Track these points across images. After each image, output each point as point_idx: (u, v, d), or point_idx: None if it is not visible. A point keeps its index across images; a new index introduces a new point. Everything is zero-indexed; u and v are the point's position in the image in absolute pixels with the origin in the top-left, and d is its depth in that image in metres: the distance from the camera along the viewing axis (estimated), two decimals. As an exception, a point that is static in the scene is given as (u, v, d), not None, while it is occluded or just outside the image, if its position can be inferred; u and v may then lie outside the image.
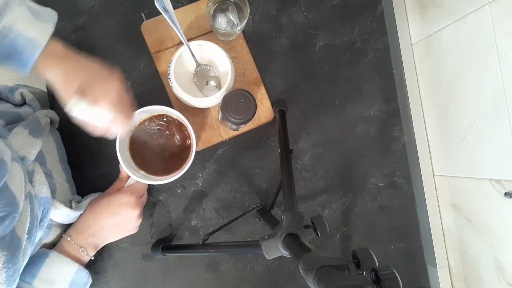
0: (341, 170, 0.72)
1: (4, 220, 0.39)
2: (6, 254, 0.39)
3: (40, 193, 0.48)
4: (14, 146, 0.47)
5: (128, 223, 0.59)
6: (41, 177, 0.49)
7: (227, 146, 0.69)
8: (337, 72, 0.72)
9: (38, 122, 0.54)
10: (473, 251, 0.69)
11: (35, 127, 0.52)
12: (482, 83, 0.60)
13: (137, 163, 0.61)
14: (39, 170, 0.50)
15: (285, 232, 0.43)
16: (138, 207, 0.59)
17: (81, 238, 0.55)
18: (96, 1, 0.67)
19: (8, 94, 0.60)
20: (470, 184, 0.67)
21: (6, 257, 0.39)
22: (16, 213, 0.40)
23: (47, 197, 0.49)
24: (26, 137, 0.50)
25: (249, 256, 0.69)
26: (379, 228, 0.72)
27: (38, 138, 0.51)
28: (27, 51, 0.44)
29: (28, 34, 0.43)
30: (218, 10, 0.63)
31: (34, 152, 0.50)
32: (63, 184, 0.59)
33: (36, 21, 0.45)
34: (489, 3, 0.56)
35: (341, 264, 0.33)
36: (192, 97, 0.59)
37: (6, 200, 0.39)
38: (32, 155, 0.49)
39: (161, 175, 0.61)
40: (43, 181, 0.49)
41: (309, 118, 0.71)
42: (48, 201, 0.49)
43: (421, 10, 0.73)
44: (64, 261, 0.53)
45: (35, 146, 0.50)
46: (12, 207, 0.40)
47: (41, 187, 0.48)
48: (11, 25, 0.42)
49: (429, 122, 0.75)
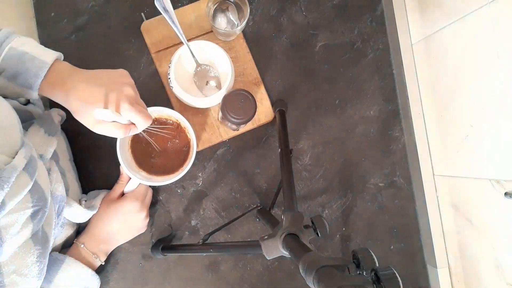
0: (341, 170, 0.72)
1: (37, 214, 0.40)
2: (39, 248, 0.40)
3: (56, 191, 0.48)
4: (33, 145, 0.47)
5: (137, 225, 0.61)
6: (57, 175, 0.49)
7: (227, 146, 0.69)
8: (337, 72, 0.72)
9: (52, 120, 0.54)
10: (473, 251, 0.69)
11: (50, 126, 0.52)
12: (482, 83, 0.60)
13: (138, 164, 0.61)
14: (55, 168, 0.50)
15: (285, 232, 0.43)
16: (144, 209, 0.61)
17: (93, 245, 0.57)
18: (96, 1, 0.67)
19: None
20: (470, 184, 0.67)
21: (39, 252, 0.40)
22: (46, 208, 0.41)
23: (63, 195, 0.49)
24: (42, 135, 0.50)
25: (249, 256, 0.69)
26: (379, 228, 0.72)
27: (53, 136, 0.51)
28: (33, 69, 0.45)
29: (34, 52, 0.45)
30: (218, 10, 0.63)
31: (51, 150, 0.50)
32: (74, 183, 0.59)
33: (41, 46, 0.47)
34: (489, 3, 0.56)
35: (341, 264, 0.33)
36: (192, 97, 0.59)
37: (38, 195, 0.40)
38: (49, 153, 0.49)
39: (162, 175, 0.61)
40: (59, 179, 0.49)
41: (309, 118, 0.71)
42: (63, 199, 0.49)
43: (421, 10, 0.73)
44: (79, 267, 0.54)
45: (52, 144, 0.50)
46: (43, 202, 0.41)
47: (57, 185, 0.48)
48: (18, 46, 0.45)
49: (429, 122, 0.75)
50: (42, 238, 0.42)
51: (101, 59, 0.67)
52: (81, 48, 0.67)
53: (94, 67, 0.49)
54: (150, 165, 0.61)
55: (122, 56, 0.68)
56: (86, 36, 0.67)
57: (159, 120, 0.62)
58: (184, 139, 0.62)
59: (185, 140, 0.62)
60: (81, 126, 0.46)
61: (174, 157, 0.62)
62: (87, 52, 0.67)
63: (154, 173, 0.61)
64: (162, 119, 0.62)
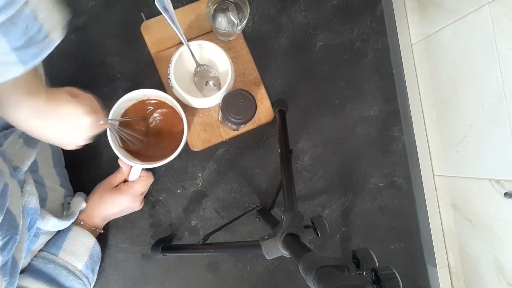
0: (341, 170, 0.72)
1: (7, 245, 0.38)
2: (7, 279, 0.39)
3: (28, 204, 0.47)
4: (8, 156, 0.46)
5: (133, 208, 0.64)
6: (32, 187, 0.48)
7: (227, 146, 0.69)
8: (337, 72, 0.72)
9: None
10: (473, 251, 0.69)
11: (30, 136, 0.52)
12: (482, 83, 0.60)
13: (131, 154, 0.61)
14: (29, 180, 0.49)
15: (285, 232, 0.43)
16: (138, 201, 0.63)
17: (92, 221, 0.60)
18: (96, 1, 0.67)
19: None
20: (470, 184, 0.67)
21: (6, 282, 0.39)
22: (17, 235, 0.40)
23: (35, 208, 0.48)
24: (20, 147, 0.49)
25: (249, 256, 0.69)
26: (379, 228, 0.72)
27: (33, 148, 0.51)
28: None
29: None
30: (218, 10, 0.63)
31: (28, 163, 0.49)
32: (56, 190, 0.59)
33: None
34: (488, 3, 0.56)
35: (341, 264, 0.33)
36: (192, 97, 0.59)
37: (8, 223, 0.38)
38: (26, 165, 0.48)
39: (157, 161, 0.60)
40: (33, 191, 0.48)
41: (309, 118, 0.71)
42: (36, 211, 0.48)
43: (420, 10, 0.73)
44: (85, 234, 0.57)
45: (29, 156, 0.49)
46: (13, 229, 0.39)
47: (30, 198, 0.47)
48: None
49: (429, 122, 0.75)
50: (11, 268, 0.40)
51: (101, 59, 0.67)
52: (81, 48, 0.67)
53: (94, 67, 0.49)
54: (143, 153, 0.61)
55: (122, 56, 0.68)
56: (86, 36, 0.67)
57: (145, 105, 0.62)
58: (174, 120, 0.62)
59: (175, 121, 0.62)
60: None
61: (168, 141, 0.62)
62: (87, 52, 0.67)
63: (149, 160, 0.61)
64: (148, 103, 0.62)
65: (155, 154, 0.61)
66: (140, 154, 0.61)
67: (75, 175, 0.65)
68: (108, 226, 0.66)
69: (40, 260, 0.53)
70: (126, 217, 0.66)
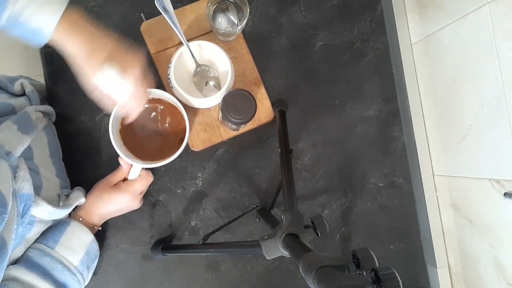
0: (341, 170, 0.72)
1: None
2: None
3: (22, 190, 0.47)
4: (0, 141, 0.47)
5: (132, 206, 0.64)
6: (25, 173, 0.48)
7: (227, 146, 0.69)
8: (336, 72, 0.72)
9: (28, 118, 0.53)
10: (473, 251, 0.69)
11: (25, 123, 0.51)
12: (481, 83, 0.60)
13: (133, 153, 0.61)
14: (23, 165, 0.49)
15: (285, 232, 0.43)
16: (137, 200, 0.63)
17: (90, 218, 0.60)
18: (96, 1, 0.67)
19: (7, 83, 0.60)
20: (470, 184, 0.67)
21: None
22: (5, 214, 0.40)
23: (29, 194, 0.48)
24: (14, 132, 0.49)
25: (249, 256, 0.69)
26: (379, 228, 0.72)
27: (27, 134, 0.51)
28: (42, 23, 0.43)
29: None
30: (218, 10, 0.63)
31: (21, 148, 0.49)
32: (52, 179, 0.59)
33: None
34: (488, 3, 0.56)
35: (341, 264, 0.33)
36: (192, 97, 0.60)
37: None
38: (18, 151, 0.48)
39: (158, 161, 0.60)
40: (26, 177, 0.48)
41: (309, 118, 0.71)
42: (30, 198, 0.48)
43: (420, 10, 0.73)
44: (83, 230, 0.57)
45: (23, 142, 0.50)
46: (1, 207, 0.39)
47: (24, 184, 0.48)
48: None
49: (428, 122, 0.75)
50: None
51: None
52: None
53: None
54: (145, 152, 0.61)
55: (122, 56, 0.67)
56: (86, 36, 0.67)
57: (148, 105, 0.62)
58: (176, 122, 0.62)
59: (177, 123, 0.62)
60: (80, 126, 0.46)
61: (169, 142, 0.62)
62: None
63: (149, 160, 0.61)
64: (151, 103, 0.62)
65: (155, 154, 0.61)
66: (141, 153, 0.62)
67: (74, 174, 0.65)
68: (108, 226, 0.66)
69: (37, 252, 0.53)
70: (126, 217, 0.66)
